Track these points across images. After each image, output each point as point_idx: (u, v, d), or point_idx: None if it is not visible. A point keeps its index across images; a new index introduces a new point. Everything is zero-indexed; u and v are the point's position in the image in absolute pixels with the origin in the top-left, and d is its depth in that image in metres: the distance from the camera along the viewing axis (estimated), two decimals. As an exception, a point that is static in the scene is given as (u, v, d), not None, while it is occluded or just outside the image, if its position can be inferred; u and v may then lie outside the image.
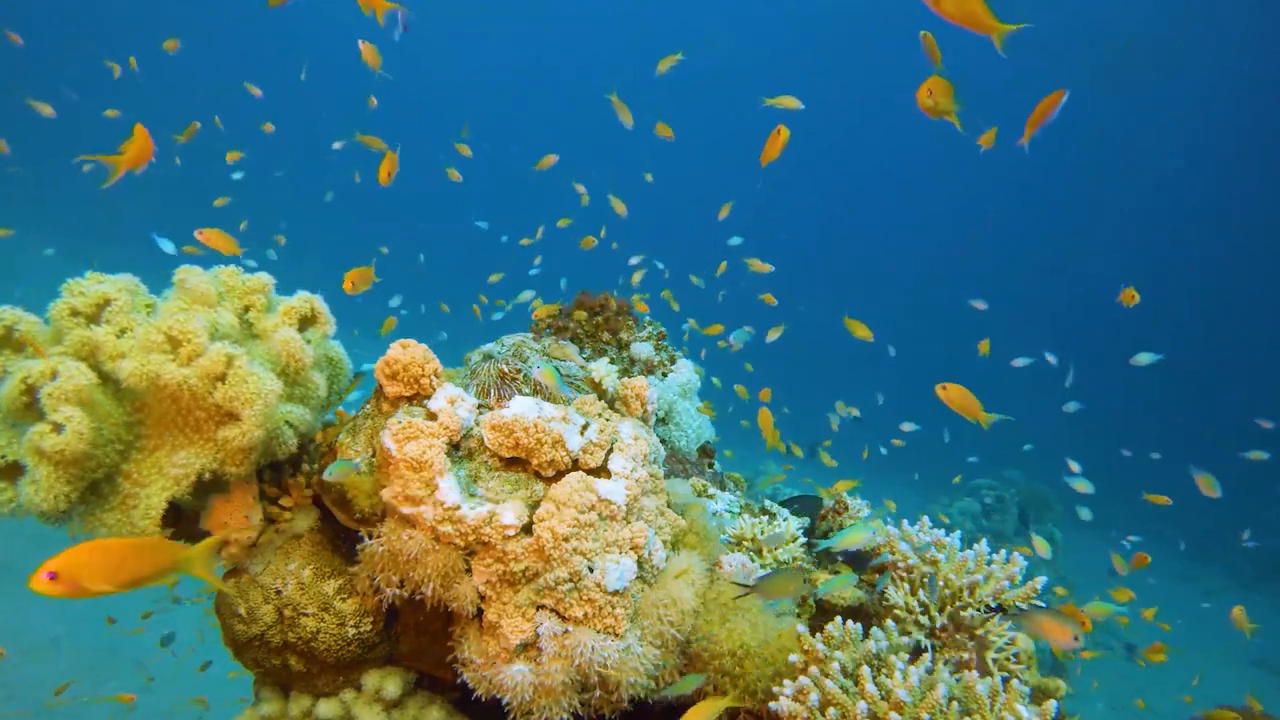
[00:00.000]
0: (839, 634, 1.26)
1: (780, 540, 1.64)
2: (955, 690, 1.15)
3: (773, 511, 1.78)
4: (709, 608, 1.36)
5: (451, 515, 1.27)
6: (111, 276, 1.41)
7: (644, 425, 1.54)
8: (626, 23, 26.57)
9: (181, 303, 1.43)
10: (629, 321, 2.14)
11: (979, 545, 1.49)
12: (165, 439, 1.37)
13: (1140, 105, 22.85)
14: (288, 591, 1.47)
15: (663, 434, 1.99)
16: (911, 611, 1.43)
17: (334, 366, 1.64)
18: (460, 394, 1.41)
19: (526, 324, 2.20)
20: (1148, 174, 24.01)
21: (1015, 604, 1.43)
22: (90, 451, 1.26)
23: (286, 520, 1.54)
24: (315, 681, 1.54)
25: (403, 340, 1.45)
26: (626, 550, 1.31)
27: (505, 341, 1.61)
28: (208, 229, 2.01)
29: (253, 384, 1.31)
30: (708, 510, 1.57)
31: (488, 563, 1.28)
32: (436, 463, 1.29)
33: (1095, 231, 25.81)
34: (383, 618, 1.51)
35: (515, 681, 1.25)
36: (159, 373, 1.28)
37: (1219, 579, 10.64)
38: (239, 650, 1.55)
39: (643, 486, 1.40)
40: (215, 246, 2.02)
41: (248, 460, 1.38)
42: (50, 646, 4.44)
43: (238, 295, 1.52)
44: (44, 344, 1.34)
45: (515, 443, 1.35)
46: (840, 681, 1.18)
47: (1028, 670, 1.44)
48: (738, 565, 1.50)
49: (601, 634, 1.26)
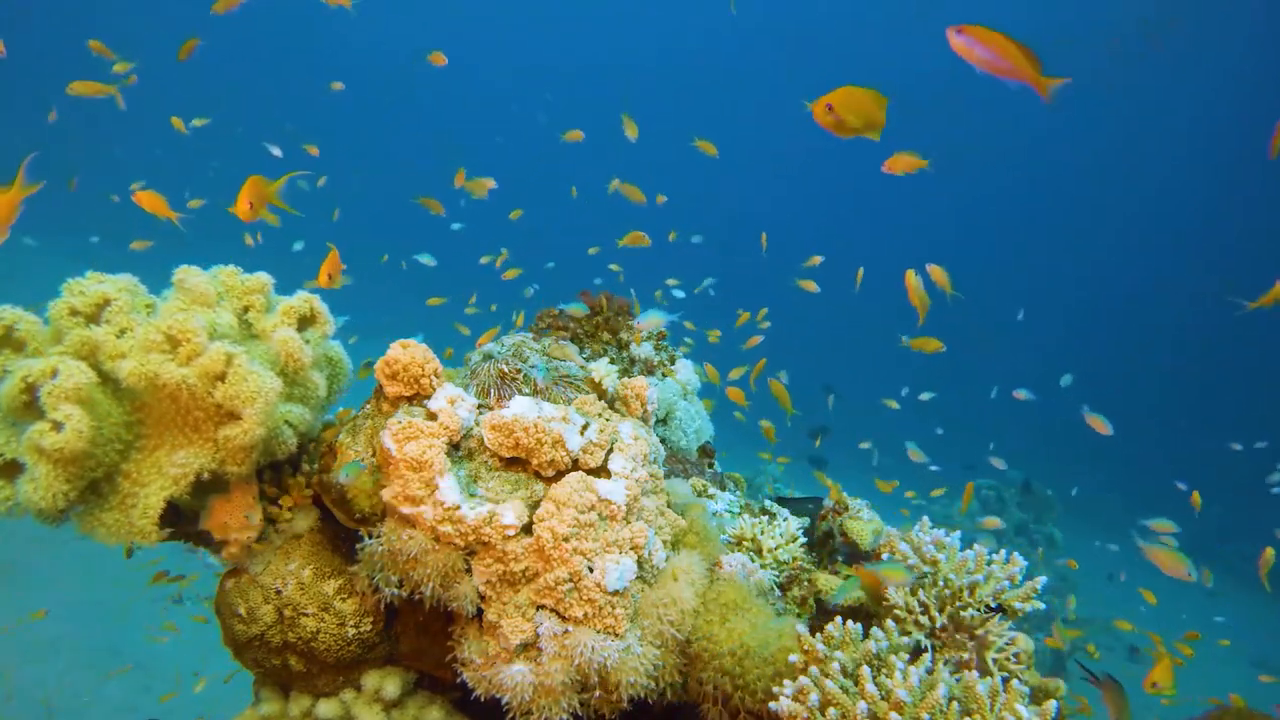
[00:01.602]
0: (839, 634, 1.26)
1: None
2: (955, 690, 1.15)
3: (773, 511, 1.78)
4: (709, 608, 1.36)
5: (451, 515, 1.27)
6: (111, 276, 1.41)
7: (644, 425, 1.54)
8: (626, 23, 26.61)
9: (181, 303, 1.43)
10: (629, 321, 2.14)
11: (979, 545, 1.49)
12: (165, 438, 1.36)
13: (1140, 103, 22.85)
14: (288, 591, 1.47)
15: (663, 434, 1.99)
16: (911, 611, 1.43)
17: (333, 366, 1.64)
18: (460, 394, 1.41)
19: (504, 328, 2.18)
20: (1151, 174, 23.99)
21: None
22: (89, 450, 1.26)
23: (286, 520, 1.54)
24: (315, 681, 1.54)
25: (403, 340, 1.45)
26: (626, 550, 1.31)
27: (505, 341, 1.61)
28: (143, 191, 1.96)
29: (252, 383, 1.31)
30: (708, 510, 1.57)
31: (488, 563, 1.28)
32: (436, 463, 1.29)
33: (1098, 233, 25.81)
34: (382, 618, 1.51)
35: (515, 681, 1.25)
36: (158, 372, 1.28)
37: (1219, 579, 10.64)
38: (239, 650, 1.55)
39: (643, 486, 1.40)
40: (148, 208, 1.96)
41: (248, 460, 1.38)
42: (50, 646, 4.44)
43: (237, 295, 1.52)
44: (44, 344, 1.34)
45: (515, 443, 1.35)
46: (840, 681, 1.17)
47: (1028, 670, 1.44)
48: (738, 565, 1.50)
49: (601, 634, 1.26)
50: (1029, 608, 1.43)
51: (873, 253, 9.44)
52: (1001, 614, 1.41)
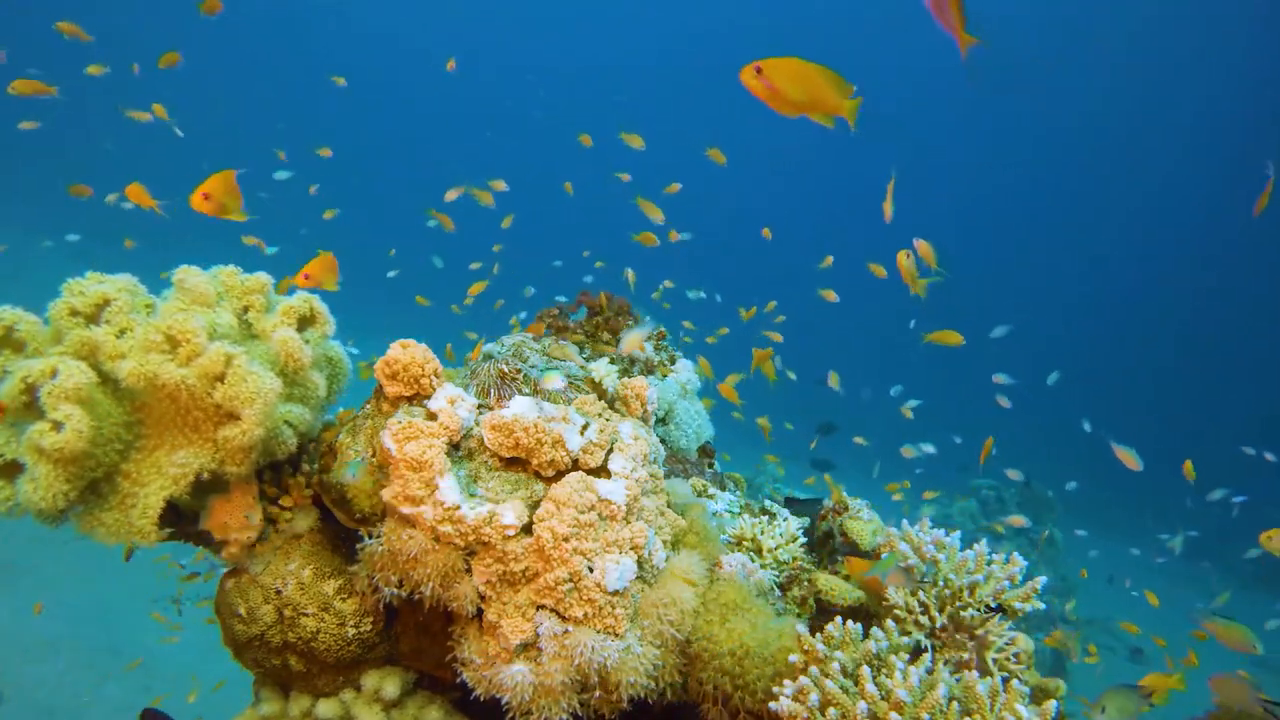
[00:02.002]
0: (839, 634, 1.26)
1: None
2: (955, 690, 1.15)
3: (773, 511, 1.78)
4: (709, 608, 1.36)
5: (451, 515, 1.27)
6: (111, 276, 1.41)
7: (644, 425, 1.54)
8: (624, 23, 26.61)
9: (180, 303, 1.43)
10: (629, 321, 2.14)
11: (979, 545, 1.49)
12: (164, 439, 1.36)
13: (1143, 101, 22.85)
14: (288, 591, 1.47)
15: (663, 434, 1.99)
16: (911, 611, 1.43)
17: (333, 366, 1.64)
18: (460, 394, 1.41)
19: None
20: (1154, 170, 23.96)
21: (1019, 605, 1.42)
22: (89, 450, 1.26)
23: (286, 520, 1.54)
24: (315, 681, 1.54)
25: (403, 340, 1.45)
26: (626, 550, 1.31)
27: (505, 341, 1.61)
28: (134, 184, 1.98)
29: (252, 383, 1.31)
30: (708, 510, 1.57)
31: (488, 563, 1.28)
32: (436, 463, 1.29)
33: (1098, 233, 25.78)
34: (382, 617, 1.51)
35: (515, 681, 1.25)
36: (158, 372, 1.28)
37: (1219, 580, 10.63)
38: (239, 650, 1.55)
39: (643, 486, 1.40)
40: (136, 200, 1.97)
41: (248, 460, 1.38)
42: (50, 646, 4.44)
43: (236, 295, 1.52)
44: (44, 344, 1.34)
45: (515, 443, 1.35)
46: (840, 681, 1.17)
47: (1028, 670, 1.44)
48: (738, 565, 1.50)
49: (601, 634, 1.26)
50: (1029, 608, 1.43)
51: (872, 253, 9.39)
52: (1001, 614, 1.41)
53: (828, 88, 1.21)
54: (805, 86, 1.21)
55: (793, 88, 1.21)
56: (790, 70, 1.21)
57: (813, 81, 1.21)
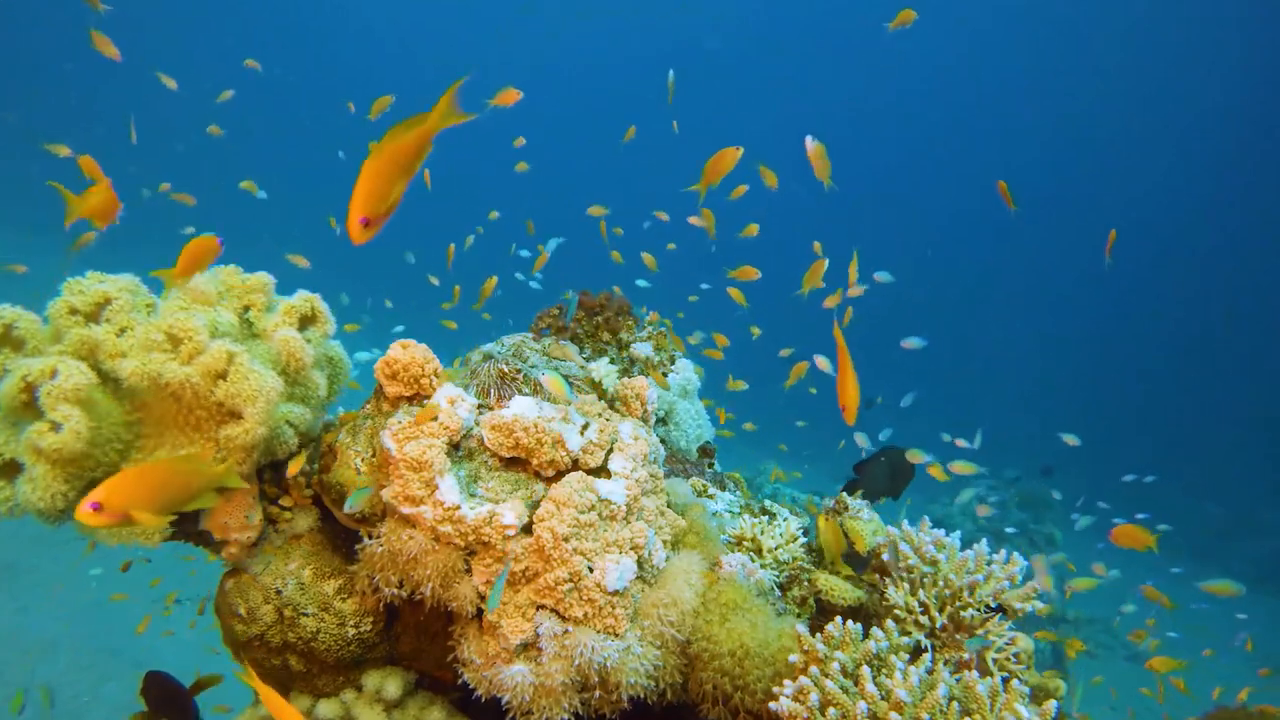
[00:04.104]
0: (839, 634, 1.26)
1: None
2: (955, 690, 1.15)
3: (773, 511, 1.78)
4: (709, 608, 1.36)
5: (451, 515, 1.27)
6: (112, 276, 1.41)
7: (644, 425, 1.54)
8: (625, 24, 26.61)
9: (181, 302, 1.43)
10: (629, 321, 2.14)
11: (979, 545, 1.49)
12: (165, 438, 1.36)
13: (1143, 101, 22.85)
14: (288, 591, 1.47)
15: (662, 434, 1.99)
16: (911, 611, 1.43)
17: (334, 366, 1.64)
18: (460, 394, 1.41)
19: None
20: (1150, 173, 23.97)
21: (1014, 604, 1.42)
22: (88, 450, 1.26)
23: (286, 520, 1.54)
24: (315, 681, 1.54)
25: (403, 340, 1.45)
26: (626, 550, 1.31)
27: (505, 341, 1.61)
28: (85, 155, 1.87)
29: (254, 381, 1.31)
30: (708, 510, 1.57)
31: (488, 563, 1.28)
32: (436, 463, 1.29)
33: (1098, 230, 25.74)
34: (383, 618, 1.51)
35: (515, 681, 1.25)
36: (160, 371, 1.28)
37: (1219, 580, 10.63)
38: (239, 650, 1.55)
39: (643, 486, 1.40)
40: (89, 173, 1.86)
41: (249, 459, 1.37)
42: (50, 646, 4.44)
43: (237, 295, 1.52)
44: (43, 342, 1.34)
45: (515, 443, 1.35)
46: (840, 681, 1.17)
47: (1028, 670, 1.44)
48: (738, 565, 1.50)
49: (601, 634, 1.26)
50: (1029, 608, 1.43)
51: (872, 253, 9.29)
52: (1001, 614, 1.42)
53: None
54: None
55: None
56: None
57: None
